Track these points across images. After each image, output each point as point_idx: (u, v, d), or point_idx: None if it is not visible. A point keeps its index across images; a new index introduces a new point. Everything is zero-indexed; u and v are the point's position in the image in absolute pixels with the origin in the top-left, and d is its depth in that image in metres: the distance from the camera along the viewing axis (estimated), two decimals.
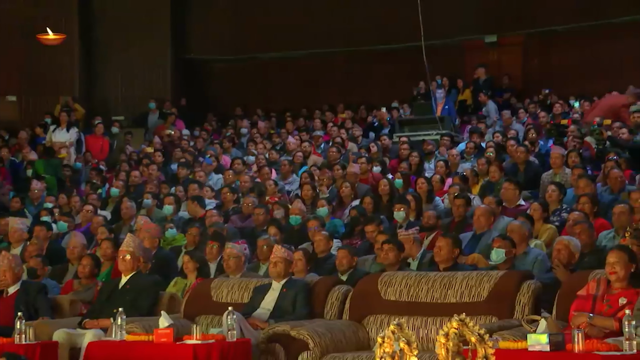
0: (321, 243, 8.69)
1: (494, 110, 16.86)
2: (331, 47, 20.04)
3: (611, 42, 18.22)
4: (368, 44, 19.72)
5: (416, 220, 9.61)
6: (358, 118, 18.35)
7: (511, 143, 12.42)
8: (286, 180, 12.87)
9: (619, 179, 9.68)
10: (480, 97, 17.25)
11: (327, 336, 6.24)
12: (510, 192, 9.62)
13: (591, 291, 5.69)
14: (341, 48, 19.97)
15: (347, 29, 19.85)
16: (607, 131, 12.56)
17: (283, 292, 6.92)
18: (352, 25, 19.83)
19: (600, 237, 7.98)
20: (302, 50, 20.38)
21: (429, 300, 6.44)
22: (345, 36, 19.82)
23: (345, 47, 19.92)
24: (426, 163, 12.90)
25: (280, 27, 20.26)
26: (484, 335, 3.69)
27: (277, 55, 20.63)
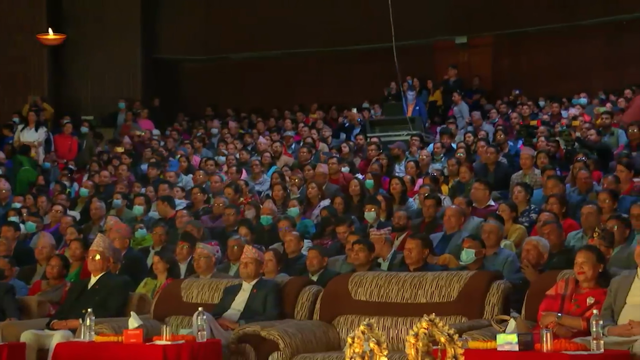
0: (292, 243, 8.68)
1: (466, 110, 16.94)
2: (302, 47, 20.04)
3: (580, 43, 18.37)
4: (339, 44, 19.73)
5: (387, 220, 9.62)
6: (329, 118, 18.35)
7: (481, 144, 12.49)
8: (257, 180, 12.85)
9: (587, 180, 9.76)
10: (453, 97, 17.32)
11: (298, 336, 6.24)
12: (480, 192, 9.66)
13: (560, 291, 5.73)
14: (312, 49, 19.97)
15: (318, 30, 19.85)
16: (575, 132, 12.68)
17: (253, 293, 6.91)
18: (323, 26, 19.83)
19: (569, 238, 8.03)
20: (273, 50, 20.35)
21: (399, 300, 6.45)
22: (316, 37, 19.81)
23: (316, 47, 19.91)
24: (397, 165, 12.93)
25: (251, 27, 20.22)
26: (454, 335, 3.70)
27: (248, 56, 20.59)
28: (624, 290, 5.45)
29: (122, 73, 19.98)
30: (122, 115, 18.58)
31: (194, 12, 20.91)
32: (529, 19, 18.43)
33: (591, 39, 18.31)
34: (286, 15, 20.07)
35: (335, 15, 19.78)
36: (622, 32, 17.96)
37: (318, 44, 19.81)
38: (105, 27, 19.69)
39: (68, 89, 20.06)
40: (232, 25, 20.39)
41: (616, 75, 17.44)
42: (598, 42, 18.31)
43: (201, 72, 20.96)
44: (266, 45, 20.30)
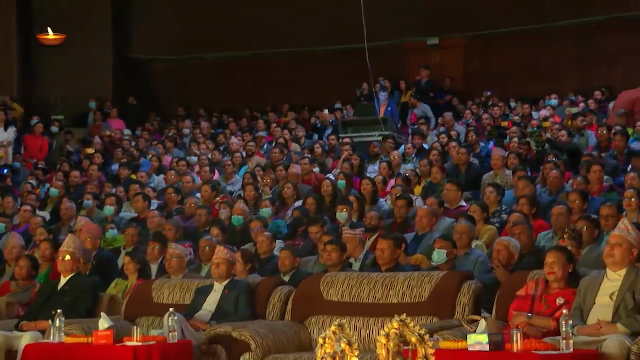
0: (264, 244, 8.67)
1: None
2: (274, 47, 20.01)
3: (551, 45, 18.50)
4: (312, 45, 19.73)
5: (359, 221, 9.64)
6: (301, 119, 18.36)
7: (453, 144, 12.54)
8: (229, 181, 12.83)
9: (557, 181, 9.83)
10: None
11: (269, 337, 6.23)
12: (452, 193, 9.70)
13: (530, 291, 5.76)
14: (285, 49, 19.95)
15: (291, 30, 19.83)
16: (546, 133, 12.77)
17: (225, 293, 6.89)
18: (295, 26, 19.81)
19: (539, 238, 8.08)
20: (245, 50, 20.32)
21: (370, 300, 6.46)
22: (289, 37, 19.80)
23: (288, 48, 19.90)
24: (371, 165, 12.95)
25: (223, 27, 20.17)
26: (424, 336, 3.71)
27: (220, 56, 20.54)
28: (593, 290, 5.49)
29: (93, 72, 19.85)
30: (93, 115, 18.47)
31: (166, 12, 20.82)
32: (500, 20, 18.54)
33: (561, 40, 18.46)
34: (259, 15, 20.03)
35: (307, 15, 19.77)
36: (592, 34, 18.12)
37: (290, 44, 19.79)
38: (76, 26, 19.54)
39: (38, 89, 19.90)
40: (205, 25, 20.33)
41: (586, 76, 17.59)
42: (568, 43, 18.46)
43: (173, 72, 20.88)
44: (238, 46, 20.26)
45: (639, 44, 17.68)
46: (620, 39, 17.67)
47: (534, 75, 18.32)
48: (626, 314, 5.28)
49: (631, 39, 17.68)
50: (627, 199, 8.12)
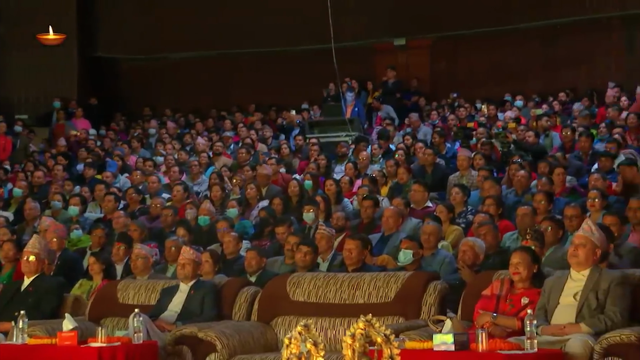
0: (230, 244, 8.64)
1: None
2: (241, 48, 19.97)
3: (516, 46, 18.63)
4: (279, 45, 19.71)
5: (325, 221, 9.64)
6: (268, 119, 18.33)
7: (419, 145, 12.58)
8: (195, 181, 12.78)
9: (523, 181, 9.90)
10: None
11: (235, 337, 6.22)
12: (419, 194, 9.73)
13: (495, 291, 5.80)
14: (252, 49, 19.91)
15: (258, 30, 19.79)
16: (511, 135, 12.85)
17: (191, 294, 6.87)
18: (263, 26, 19.77)
19: (505, 238, 8.13)
20: (212, 50, 20.25)
21: (337, 301, 6.47)
22: (257, 37, 19.75)
23: (256, 48, 19.86)
24: (338, 165, 12.96)
25: (190, 27, 20.07)
26: (390, 336, 3.72)
27: (187, 56, 20.44)
28: (557, 290, 5.54)
29: (58, 72, 19.68)
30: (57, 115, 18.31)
31: (132, 12, 20.68)
32: (467, 22, 18.63)
33: (527, 42, 18.59)
34: (225, 15, 19.98)
35: (274, 15, 19.74)
36: (557, 36, 18.27)
37: (257, 44, 19.75)
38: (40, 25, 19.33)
39: (2, 88, 19.69)
40: (171, 25, 20.22)
41: (551, 78, 17.73)
42: (533, 45, 18.60)
43: (139, 71, 20.74)
44: (205, 46, 20.19)
45: (603, 46, 17.88)
46: (584, 41, 17.84)
47: (499, 76, 18.43)
48: (589, 314, 5.33)
49: (595, 41, 17.86)
50: (591, 200, 8.19)
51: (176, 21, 20.19)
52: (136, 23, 20.64)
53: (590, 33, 17.83)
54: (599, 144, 11.98)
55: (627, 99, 15.32)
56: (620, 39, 18.04)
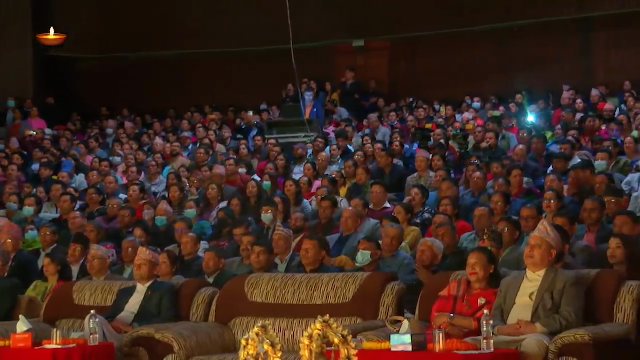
0: (188, 245, 8.60)
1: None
2: (200, 47, 19.88)
3: (473, 48, 18.77)
4: (237, 45, 19.64)
5: (283, 222, 9.63)
6: (226, 120, 18.28)
7: (377, 146, 12.62)
8: (153, 181, 12.71)
9: (479, 182, 9.97)
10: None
11: (193, 338, 6.20)
12: (378, 195, 9.76)
13: (452, 291, 5.83)
14: (210, 49, 19.83)
15: (217, 31, 19.72)
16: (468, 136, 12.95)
17: (148, 295, 6.84)
18: (221, 26, 19.71)
19: (462, 239, 8.18)
20: (170, 50, 20.13)
21: (295, 301, 6.47)
22: (215, 37, 19.68)
23: (214, 48, 19.78)
24: (297, 166, 12.96)
25: (148, 26, 19.94)
26: (347, 336, 3.72)
27: (145, 55, 20.31)
28: (513, 290, 5.58)
29: (13, 71, 19.41)
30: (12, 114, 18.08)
31: (90, 9, 20.49)
32: (425, 23, 18.72)
33: (484, 44, 18.74)
34: (183, 15, 19.88)
35: (233, 16, 19.69)
36: (513, 38, 18.44)
37: (215, 44, 19.68)
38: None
39: None
40: (129, 24, 20.07)
41: (508, 79, 17.89)
42: (490, 47, 18.75)
43: (96, 71, 20.56)
44: (163, 45, 20.06)
45: (559, 48, 18.08)
46: (540, 43, 18.03)
47: (457, 78, 18.55)
48: (545, 314, 5.39)
49: (551, 43, 18.06)
50: (547, 201, 8.27)
51: (134, 20, 20.05)
52: (93, 22, 20.45)
53: (546, 35, 18.03)
54: (554, 145, 12.11)
55: (582, 101, 15.52)
56: (574, 41, 18.26)
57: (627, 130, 12.30)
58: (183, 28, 19.82)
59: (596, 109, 14.82)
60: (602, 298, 5.54)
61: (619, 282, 5.60)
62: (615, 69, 17.61)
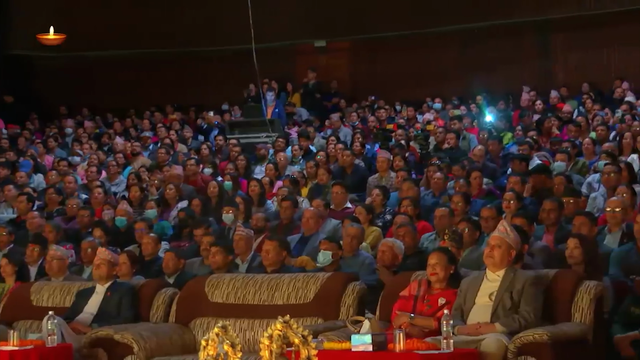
0: (149, 245, 8.55)
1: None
2: (161, 47, 19.76)
3: (435, 50, 18.88)
4: (199, 45, 19.57)
5: (245, 222, 9.60)
6: (188, 119, 18.21)
7: (339, 147, 12.64)
8: (113, 181, 12.62)
9: (440, 183, 10.02)
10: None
11: (153, 339, 6.18)
12: (340, 195, 9.77)
13: (413, 292, 5.85)
14: (172, 49, 19.73)
15: (178, 30, 19.62)
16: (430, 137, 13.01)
17: (107, 296, 6.80)
18: (183, 26, 19.62)
19: (423, 239, 8.21)
20: (132, 49, 19.98)
21: (256, 302, 6.47)
22: (177, 37, 19.58)
23: (176, 47, 19.68)
24: (258, 166, 12.94)
25: (109, 26, 19.78)
26: (308, 337, 3.72)
27: (105, 54, 20.14)
28: (473, 290, 5.62)
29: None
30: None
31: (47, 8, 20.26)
32: (386, 24, 18.79)
33: (445, 45, 18.86)
34: (145, 14, 19.75)
35: (194, 15, 19.61)
36: (474, 40, 18.57)
37: (177, 44, 19.59)
38: None
39: None
40: (89, 23, 19.89)
41: (468, 81, 18.01)
42: (451, 49, 18.88)
43: (55, 70, 20.34)
44: (124, 45, 19.91)
45: (519, 50, 18.25)
46: (501, 44, 18.19)
47: (419, 79, 18.65)
48: (504, 314, 5.43)
49: (511, 45, 18.22)
50: (507, 201, 8.33)
51: (94, 19, 19.87)
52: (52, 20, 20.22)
53: (506, 37, 18.19)
54: (513, 146, 12.22)
55: (542, 102, 15.67)
56: (534, 43, 18.45)
57: (585, 132, 12.43)
58: (144, 28, 19.69)
59: (555, 111, 14.98)
60: (561, 298, 5.59)
61: (577, 282, 5.66)
62: (574, 71, 17.82)
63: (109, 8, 19.80)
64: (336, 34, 19.39)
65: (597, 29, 17.58)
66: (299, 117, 17.23)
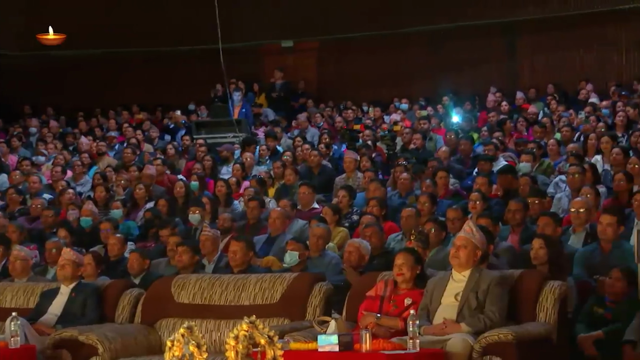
0: (115, 246, 8.50)
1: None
2: (127, 46, 19.64)
3: (402, 51, 18.95)
4: (165, 44, 19.48)
5: (212, 223, 9.57)
6: (154, 119, 18.12)
7: (306, 147, 12.64)
8: (78, 181, 12.53)
9: (407, 183, 10.04)
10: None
11: (118, 340, 6.14)
12: (307, 196, 9.77)
13: (379, 292, 5.86)
14: (138, 48, 19.61)
15: (145, 29, 19.51)
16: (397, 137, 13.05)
17: (72, 297, 6.77)
18: (150, 25, 19.51)
19: (389, 240, 8.23)
20: (97, 49, 19.83)
21: (222, 303, 6.44)
22: (142, 36, 19.47)
23: (142, 47, 19.57)
24: (225, 166, 12.90)
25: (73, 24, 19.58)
26: (274, 337, 3.72)
27: (71, 54, 19.95)
28: (439, 290, 5.64)
29: None
30: None
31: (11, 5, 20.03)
32: (353, 25, 18.84)
33: (412, 46, 18.93)
34: (111, 13, 19.61)
35: (161, 15, 19.51)
36: (441, 41, 18.67)
37: (143, 43, 19.47)
38: None
39: None
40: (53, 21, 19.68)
41: (435, 82, 18.09)
42: (418, 49, 18.95)
43: (20, 69, 20.12)
44: (89, 44, 19.76)
45: (485, 51, 18.36)
46: (468, 46, 18.29)
47: (386, 79, 18.70)
48: (470, 314, 5.45)
49: (478, 46, 18.33)
50: (472, 202, 8.37)
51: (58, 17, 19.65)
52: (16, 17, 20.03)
53: (473, 39, 18.30)
54: (480, 147, 12.28)
55: (508, 103, 15.78)
56: (500, 45, 18.57)
57: (550, 133, 12.53)
58: (111, 27, 19.55)
59: (521, 112, 15.09)
60: (526, 298, 5.63)
61: (541, 282, 5.70)
62: (540, 72, 17.97)
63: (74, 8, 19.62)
64: (304, 34, 19.39)
65: (562, 31, 17.75)
66: (265, 117, 17.21)
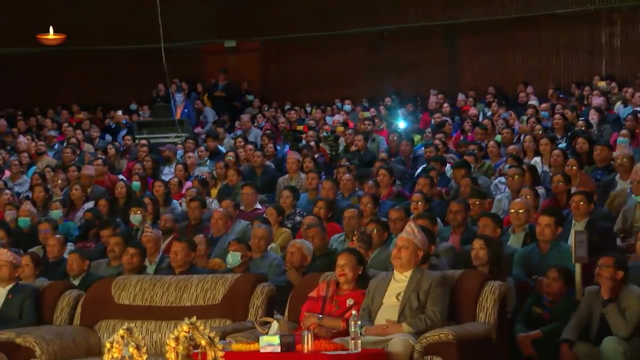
0: (54, 247, 8.39)
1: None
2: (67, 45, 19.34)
3: (345, 51, 19.02)
4: (107, 43, 19.27)
5: (153, 223, 9.50)
6: (95, 119, 17.92)
7: (249, 147, 12.62)
8: (16, 181, 12.34)
9: (349, 184, 10.07)
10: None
11: (56, 342, 6.06)
12: (250, 196, 9.75)
13: (321, 293, 5.87)
14: (78, 47, 19.35)
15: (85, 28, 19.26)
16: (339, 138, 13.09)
17: (9, 298, 6.68)
18: (90, 23, 19.28)
19: (332, 240, 8.25)
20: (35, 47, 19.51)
21: (163, 304, 6.39)
22: (83, 34, 19.21)
23: (82, 45, 19.32)
24: (167, 167, 12.81)
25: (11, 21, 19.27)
26: (214, 338, 3.70)
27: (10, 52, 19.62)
28: (381, 291, 5.66)
29: None
30: None
31: None
32: (296, 25, 18.87)
33: (355, 47, 19.02)
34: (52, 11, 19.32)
35: (101, 13, 19.30)
36: (383, 42, 18.78)
37: (83, 42, 19.23)
38: None
39: None
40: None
41: (378, 83, 18.19)
42: (361, 51, 19.04)
43: None
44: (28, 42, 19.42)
45: (427, 53, 18.51)
46: (410, 47, 18.42)
47: (328, 80, 18.76)
48: (411, 314, 5.48)
49: (419, 48, 18.47)
50: (415, 203, 8.43)
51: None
52: None
53: (415, 40, 18.44)
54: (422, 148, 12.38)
55: (449, 105, 15.93)
56: (442, 47, 18.74)
57: (491, 135, 12.68)
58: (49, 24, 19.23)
59: (462, 114, 15.24)
60: (466, 298, 5.68)
61: (482, 283, 5.75)
62: (480, 74, 18.17)
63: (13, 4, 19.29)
64: (246, 35, 19.35)
65: (502, 33, 17.97)
66: (204, 117, 17.13)
